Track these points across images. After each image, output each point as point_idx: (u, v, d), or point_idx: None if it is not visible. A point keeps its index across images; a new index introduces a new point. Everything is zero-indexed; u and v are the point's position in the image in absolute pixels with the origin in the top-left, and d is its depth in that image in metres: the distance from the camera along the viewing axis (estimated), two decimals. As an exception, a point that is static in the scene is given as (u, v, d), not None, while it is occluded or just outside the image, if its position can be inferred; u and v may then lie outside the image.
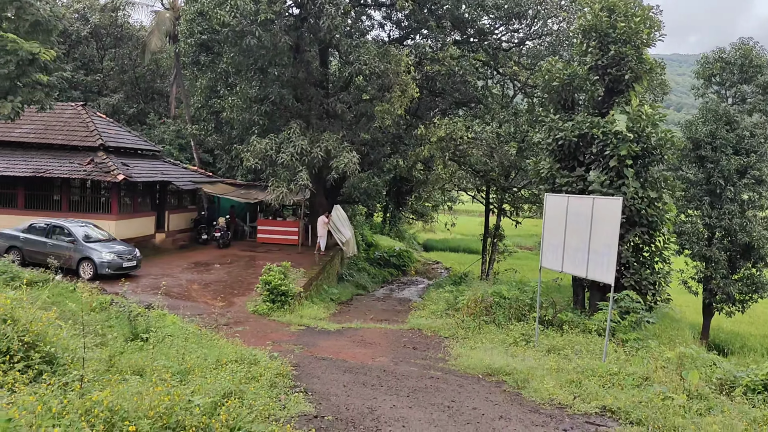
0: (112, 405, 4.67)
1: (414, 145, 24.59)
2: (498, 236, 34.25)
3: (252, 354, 9.19)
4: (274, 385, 8.04)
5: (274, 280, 17.50)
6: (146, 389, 5.38)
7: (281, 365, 9.25)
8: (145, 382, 5.88)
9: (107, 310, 14.38)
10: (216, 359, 8.75)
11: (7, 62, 15.93)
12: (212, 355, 8.99)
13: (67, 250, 20.87)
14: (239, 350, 9.54)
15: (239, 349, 9.66)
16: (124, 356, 8.27)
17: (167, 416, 4.89)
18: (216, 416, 5.31)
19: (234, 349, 9.74)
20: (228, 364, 8.41)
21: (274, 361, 9.34)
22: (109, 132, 28.23)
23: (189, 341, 11.17)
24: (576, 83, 18.63)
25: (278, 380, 8.40)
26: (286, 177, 21.21)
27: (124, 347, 10.00)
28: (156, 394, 5.15)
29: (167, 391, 5.37)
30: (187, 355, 8.42)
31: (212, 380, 6.77)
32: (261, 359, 9.12)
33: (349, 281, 29.41)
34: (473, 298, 17.63)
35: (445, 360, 12.26)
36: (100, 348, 9.66)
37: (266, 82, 22.56)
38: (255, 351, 9.96)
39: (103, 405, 4.59)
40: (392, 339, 14.60)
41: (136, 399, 4.97)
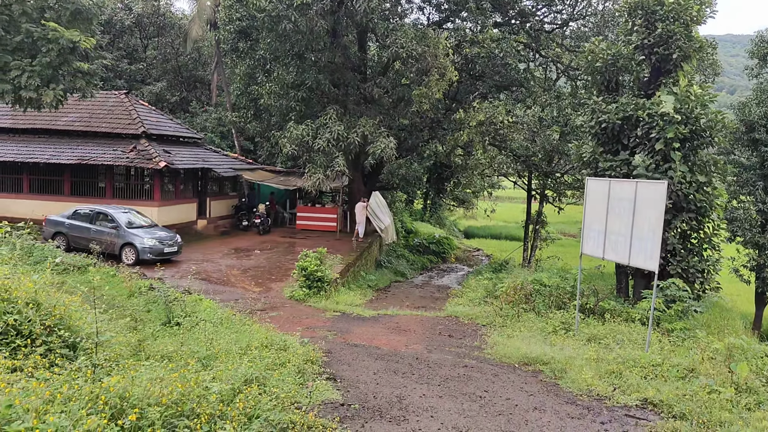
0: (123, 392, 4.59)
1: (453, 129, 24.16)
2: (540, 223, 33.61)
3: (282, 339, 9.10)
4: (301, 371, 7.92)
5: (310, 266, 17.45)
6: (161, 375, 5.30)
7: (311, 351, 9.15)
8: (163, 368, 5.81)
9: (146, 295, 14.55)
10: (246, 344, 8.68)
11: (48, 51, 16.19)
12: (242, 340, 8.94)
13: (110, 236, 21.26)
14: (270, 335, 9.46)
15: (270, 335, 9.59)
16: (156, 341, 8.26)
17: (182, 404, 4.79)
18: (233, 404, 5.20)
19: (265, 334, 9.67)
20: (256, 350, 8.34)
21: (304, 347, 9.24)
22: (151, 120, 28.63)
23: (222, 326, 11.19)
24: (620, 63, 17.94)
25: (307, 366, 8.29)
26: (322, 163, 21.12)
27: (157, 332, 10.06)
28: (170, 381, 5.06)
29: (184, 376, 5.27)
30: (216, 340, 8.37)
31: (235, 366, 6.68)
32: (291, 345, 9.03)
33: (387, 268, 29.27)
34: (512, 286, 17.25)
35: (480, 348, 11.99)
36: (133, 332, 9.73)
37: (303, 68, 22.45)
38: (286, 336, 9.89)
39: (110, 392, 4.52)
40: (428, 326, 14.38)
41: (150, 386, 4.88)
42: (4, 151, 26.90)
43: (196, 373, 5.76)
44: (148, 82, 41.16)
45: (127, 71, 40.81)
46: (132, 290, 14.71)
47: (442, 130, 25.53)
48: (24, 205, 26.55)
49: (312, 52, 22.30)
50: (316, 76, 22.32)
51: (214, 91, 39.99)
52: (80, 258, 17.58)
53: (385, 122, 23.27)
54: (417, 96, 21.31)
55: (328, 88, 22.71)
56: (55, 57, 16.25)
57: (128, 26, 40.12)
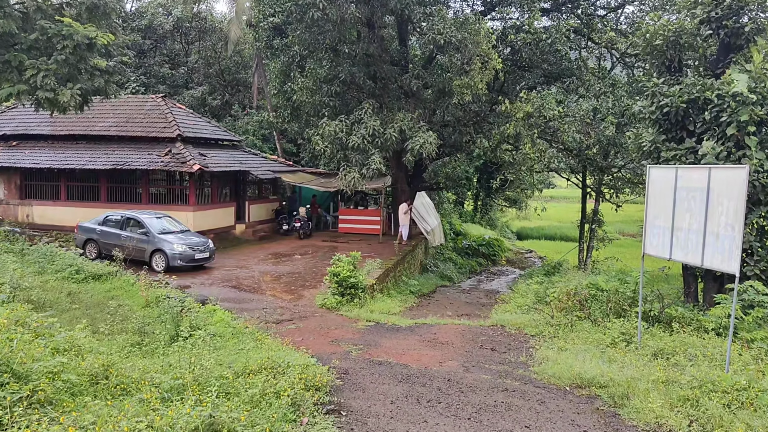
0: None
1: (498, 123, 22.47)
2: (596, 222, 31.45)
3: (285, 361, 7.76)
4: (298, 403, 6.54)
5: (343, 272, 16.13)
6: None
7: (319, 374, 7.77)
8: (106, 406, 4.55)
9: (162, 304, 13.49)
10: (243, 366, 7.39)
11: (63, 48, 15.40)
12: (240, 361, 7.65)
13: (141, 242, 20.53)
14: (274, 355, 8.13)
15: (275, 354, 8.26)
16: (131, 363, 7.06)
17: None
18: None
19: (270, 353, 8.34)
20: (250, 375, 7.04)
21: (310, 369, 7.87)
22: (187, 123, 27.95)
23: (229, 341, 9.97)
24: (684, 40, 15.96)
25: (308, 395, 6.90)
26: (358, 161, 19.77)
27: (153, 349, 8.90)
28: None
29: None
30: (207, 362, 7.10)
31: (205, 402, 5.39)
32: (295, 367, 7.66)
33: (433, 272, 27.77)
34: (565, 291, 15.51)
35: (526, 365, 10.38)
36: (123, 350, 8.60)
37: (337, 61, 21.20)
38: (295, 355, 8.57)
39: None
40: (469, 338, 12.83)
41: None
42: (42, 157, 26.66)
43: (136, 421, 4.50)
44: (190, 87, 40.82)
45: (169, 76, 40.55)
46: (148, 300, 13.69)
47: (487, 124, 23.85)
48: (62, 212, 26.24)
49: (345, 44, 21.01)
50: (350, 69, 21.01)
51: (255, 93, 39.31)
52: (102, 266, 16.75)
53: (425, 117, 21.77)
54: (458, 87, 19.77)
55: (363, 81, 21.36)
56: (70, 54, 15.45)
57: (169, 31, 39.86)
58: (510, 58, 25.92)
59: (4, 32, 15.11)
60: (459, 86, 19.66)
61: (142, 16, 40.47)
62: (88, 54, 15.94)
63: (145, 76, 39.08)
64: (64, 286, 15.15)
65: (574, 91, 24.78)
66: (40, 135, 28.25)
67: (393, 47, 24.63)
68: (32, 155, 27.01)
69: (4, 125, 29.22)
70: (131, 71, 39.05)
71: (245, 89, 43.25)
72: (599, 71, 27.97)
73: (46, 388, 4.82)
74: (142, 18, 39.95)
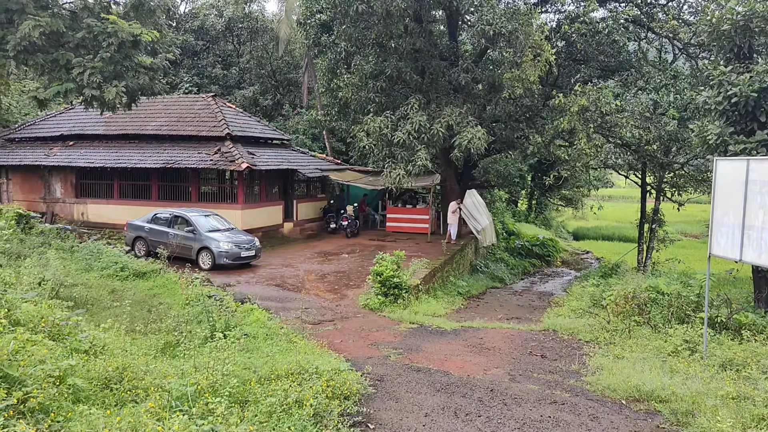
0: None
1: (552, 118, 21.50)
2: (656, 221, 29.94)
3: (314, 366, 7.26)
4: (321, 414, 6.03)
5: (386, 271, 15.60)
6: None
7: (350, 382, 7.24)
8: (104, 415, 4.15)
9: (202, 303, 13.24)
10: (269, 371, 6.94)
11: (108, 45, 15.38)
12: (267, 365, 7.20)
13: (187, 240, 20.54)
14: (303, 359, 7.65)
15: (303, 358, 7.76)
16: (155, 364, 6.69)
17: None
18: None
19: (297, 357, 7.85)
20: (275, 380, 6.58)
21: (342, 376, 7.34)
22: (237, 122, 27.98)
23: (264, 342, 9.58)
24: (754, 25, 14.74)
25: (333, 405, 6.37)
26: (403, 158, 19.19)
27: (184, 350, 8.56)
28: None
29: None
30: (231, 365, 6.67)
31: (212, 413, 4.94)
32: (324, 372, 7.16)
33: (483, 273, 26.93)
34: (623, 294, 14.55)
35: (579, 374, 9.60)
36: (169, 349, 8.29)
37: (383, 56, 20.68)
38: (326, 359, 8.08)
39: None
40: (518, 343, 12.10)
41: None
42: (96, 157, 27.14)
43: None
44: (242, 87, 41.09)
45: (221, 76, 40.91)
46: (188, 298, 13.46)
47: (540, 119, 22.90)
48: (114, 210, 26.63)
49: (391, 38, 20.47)
50: (397, 64, 20.44)
51: (305, 93, 39.24)
52: (146, 263, 16.71)
53: (475, 112, 21.00)
54: (509, 80, 18.96)
55: (409, 76, 20.74)
56: (115, 52, 15.42)
57: (221, 31, 40.20)
58: (564, 51, 24.88)
59: (52, 31, 15.19)
60: (510, 79, 18.86)
61: (194, 17, 40.98)
62: (133, 51, 15.90)
63: (198, 77, 39.53)
64: (108, 284, 15.13)
65: (632, 83, 23.53)
66: (94, 135, 28.79)
67: (443, 43, 23.95)
68: (87, 155, 27.54)
69: (62, 126, 29.92)
70: (184, 72, 39.61)
71: (296, 89, 43.29)
72: (660, 63, 26.59)
73: (41, 394, 4.47)
74: (195, 19, 40.44)
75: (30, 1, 14.87)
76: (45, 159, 27.84)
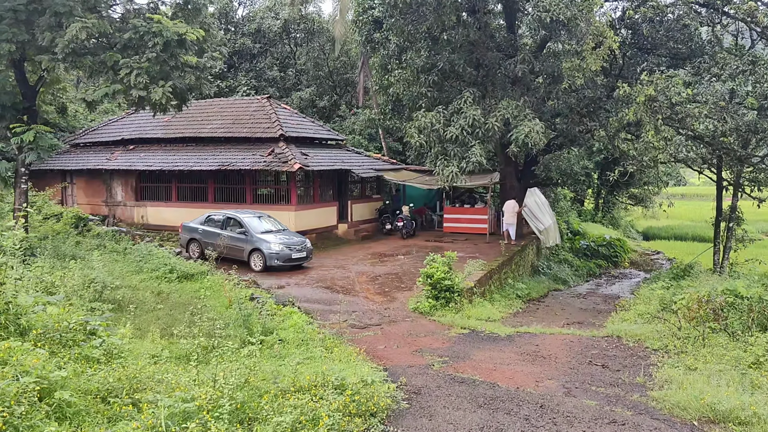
0: None
1: (617, 110, 20.19)
2: (734, 219, 27.88)
3: (340, 377, 6.62)
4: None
5: (437, 273, 14.83)
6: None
7: (378, 396, 6.54)
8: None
9: (245, 306, 12.85)
10: (292, 381, 6.34)
11: (154, 45, 15.25)
12: (291, 374, 6.61)
13: (239, 242, 20.37)
14: (330, 369, 7.00)
15: (330, 368, 7.10)
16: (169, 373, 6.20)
17: None
18: None
19: (323, 366, 7.20)
20: (295, 393, 5.97)
21: (371, 389, 6.66)
22: (290, 122, 27.77)
23: (299, 348, 9.02)
24: None
25: (355, 425, 5.69)
26: (456, 154, 18.34)
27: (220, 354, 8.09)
28: None
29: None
30: (255, 373, 6.11)
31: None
32: (351, 384, 6.50)
33: (545, 274, 25.75)
34: (695, 297, 13.30)
35: (644, 388, 8.60)
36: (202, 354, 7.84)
37: (435, 50, 19.91)
38: (358, 369, 7.42)
39: None
40: (577, 351, 11.13)
41: None
42: (154, 160, 27.46)
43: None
44: (299, 89, 41.08)
45: (279, 79, 41.03)
46: (231, 301, 13.12)
47: (604, 112, 21.58)
48: (172, 213, 26.83)
49: (444, 30, 19.67)
50: (450, 57, 19.61)
51: (360, 92, 38.84)
52: (195, 265, 16.53)
53: (533, 105, 19.93)
54: (569, 70, 17.88)
55: (463, 69, 19.86)
56: (161, 51, 15.28)
57: (278, 33, 40.28)
58: (630, 39, 23.49)
59: (100, 33, 15.19)
60: (570, 69, 17.78)
61: (251, 20, 41.25)
62: (179, 51, 15.73)
63: (255, 80, 39.75)
64: (155, 286, 15.01)
65: (705, 71, 21.88)
66: (153, 138, 29.20)
67: (500, 35, 22.97)
68: (146, 158, 27.92)
69: (123, 130, 30.53)
70: (242, 75, 39.90)
71: (353, 89, 43.01)
72: (736, 49, 24.70)
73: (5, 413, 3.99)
74: (252, 22, 40.70)
75: (78, 4, 14.88)
76: (106, 163, 28.41)
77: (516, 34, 23.99)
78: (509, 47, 22.65)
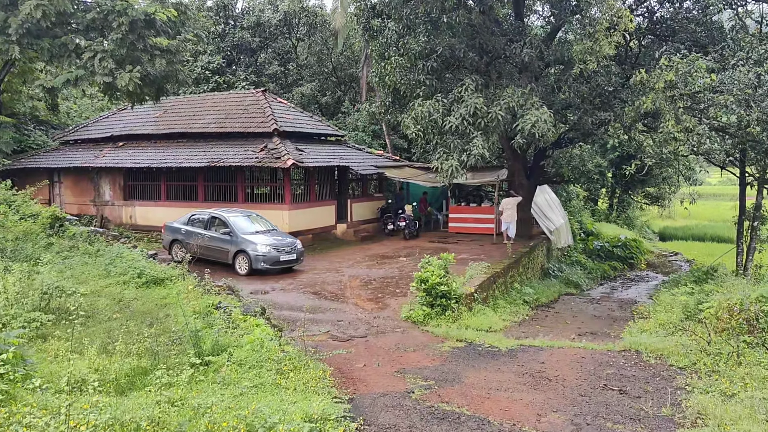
0: None
1: (632, 99, 18.48)
2: (758, 218, 25.98)
3: (271, 423, 5.04)
4: None
5: (432, 278, 13.22)
6: None
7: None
8: None
9: (210, 316, 11.32)
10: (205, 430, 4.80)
11: (120, 25, 13.79)
12: (200, 425, 5.03)
13: (224, 243, 18.93)
14: (260, 409, 5.41)
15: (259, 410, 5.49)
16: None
17: None
18: None
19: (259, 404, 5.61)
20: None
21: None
22: (286, 117, 26.29)
23: (250, 372, 7.47)
24: None
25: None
26: (457, 146, 16.68)
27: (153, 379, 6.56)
28: None
29: None
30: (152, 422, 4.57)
31: None
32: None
33: (556, 277, 24.05)
34: (726, 305, 11.62)
35: (672, 424, 6.96)
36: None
37: (434, 34, 18.28)
38: (308, 404, 5.84)
39: None
40: (589, 370, 9.50)
41: None
42: (143, 157, 26.11)
43: None
44: (300, 84, 39.60)
45: (279, 74, 39.56)
46: (196, 310, 11.59)
47: (619, 102, 19.86)
48: (162, 213, 25.35)
49: (444, 12, 18.04)
50: (450, 41, 17.95)
51: (363, 87, 37.28)
52: (166, 269, 15.02)
53: (541, 94, 18.23)
54: (579, 53, 16.20)
55: (464, 54, 18.18)
56: (126, 33, 13.81)
57: (278, 27, 38.78)
58: (645, 27, 21.78)
59: (58, 12, 13.76)
60: (581, 52, 16.08)
61: (249, 13, 39.78)
62: (147, 32, 14.26)
63: (255, 75, 38.32)
64: (119, 292, 13.51)
65: (730, 56, 20.08)
66: (143, 135, 27.84)
67: (507, 24, 21.28)
68: (134, 155, 26.56)
69: (113, 127, 29.21)
70: (241, 70, 38.48)
71: (356, 85, 41.49)
72: (761, 35, 22.89)
73: None
74: (251, 15, 39.23)
75: (33, -21, 13.47)
76: (94, 160, 27.06)
77: (524, 22, 22.27)
78: (516, 34, 20.96)
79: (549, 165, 24.09)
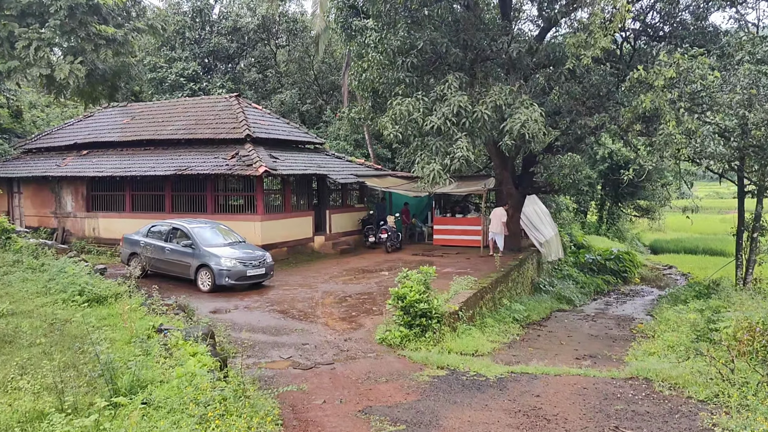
0: None
1: (629, 99, 17.09)
2: (758, 230, 24.65)
3: None
4: None
5: (410, 294, 11.61)
6: None
7: None
8: None
9: (149, 341, 9.64)
10: None
11: (57, 10, 12.18)
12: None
13: (185, 256, 17.26)
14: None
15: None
16: None
17: None
18: None
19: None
20: None
21: None
22: (260, 123, 24.71)
23: (168, 417, 5.84)
24: None
25: None
26: (439, 149, 15.16)
27: None
28: None
29: None
30: None
31: None
32: None
33: (547, 292, 22.53)
34: (745, 324, 10.14)
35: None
36: None
37: (415, 28, 16.82)
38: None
39: None
40: (593, 404, 7.92)
41: None
42: (106, 166, 24.33)
43: None
44: (279, 91, 38.08)
45: (258, 81, 38.03)
46: (133, 333, 9.93)
47: (613, 104, 18.48)
48: (126, 225, 23.49)
49: (425, 5, 16.59)
50: (431, 35, 16.47)
51: (345, 95, 35.82)
52: (109, 286, 13.31)
53: (529, 92, 16.81)
54: (572, 47, 14.78)
55: (447, 49, 16.70)
56: (65, 18, 12.20)
57: (256, 32, 37.26)
58: (640, 28, 20.54)
59: (-12, -5, 12.18)
60: (573, 45, 14.66)
61: (226, 17, 38.24)
62: (90, 18, 12.67)
63: (232, 82, 36.74)
64: (53, 312, 11.80)
65: (730, 55, 18.80)
66: (108, 142, 26.01)
67: (494, 25, 19.91)
68: (98, 163, 24.79)
69: (77, 134, 27.36)
70: (218, 77, 36.91)
71: (338, 93, 40.06)
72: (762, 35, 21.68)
73: None
74: (227, 20, 37.69)
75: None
76: (55, 169, 25.25)
77: (511, 23, 20.85)
78: (504, 34, 19.55)
79: (539, 171, 22.64)
